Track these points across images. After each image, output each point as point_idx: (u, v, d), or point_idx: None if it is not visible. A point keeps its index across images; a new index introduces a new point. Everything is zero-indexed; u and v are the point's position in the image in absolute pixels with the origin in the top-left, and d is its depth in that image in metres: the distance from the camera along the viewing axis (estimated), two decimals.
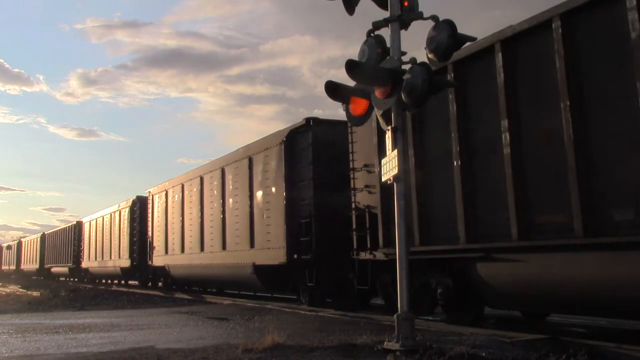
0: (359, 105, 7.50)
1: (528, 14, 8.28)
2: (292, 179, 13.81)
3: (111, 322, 11.22)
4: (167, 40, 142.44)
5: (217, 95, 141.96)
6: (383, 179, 7.22)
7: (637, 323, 9.20)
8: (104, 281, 35.88)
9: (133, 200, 27.53)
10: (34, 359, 6.94)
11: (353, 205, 11.43)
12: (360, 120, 7.78)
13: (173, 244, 21.81)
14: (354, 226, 11.35)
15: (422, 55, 6.86)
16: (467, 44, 7.20)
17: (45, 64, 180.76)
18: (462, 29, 6.66)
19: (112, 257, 29.84)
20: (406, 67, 6.84)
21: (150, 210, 24.93)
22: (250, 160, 15.90)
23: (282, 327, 7.85)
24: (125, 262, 27.41)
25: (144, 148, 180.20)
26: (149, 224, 24.90)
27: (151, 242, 24.48)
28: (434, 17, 6.82)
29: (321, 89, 7.18)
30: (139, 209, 26.71)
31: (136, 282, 29.22)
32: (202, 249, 18.99)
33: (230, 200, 17.08)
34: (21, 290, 28.35)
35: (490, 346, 6.52)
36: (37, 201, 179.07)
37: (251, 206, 15.58)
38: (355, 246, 11.31)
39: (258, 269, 15.08)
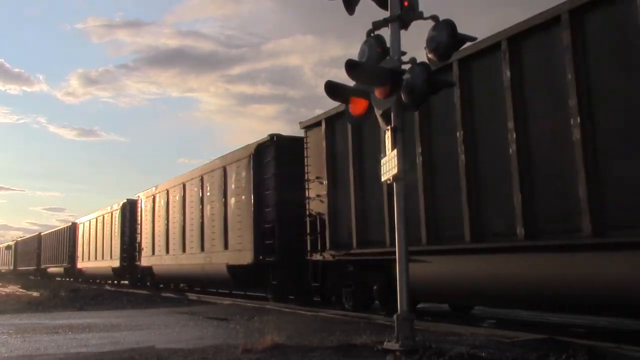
0: (358, 105, 7.50)
1: (528, 15, 8.31)
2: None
3: (111, 322, 11.22)
4: (168, 40, 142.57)
5: (218, 95, 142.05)
6: (382, 179, 7.21)
7: (637, 323, 9.20)
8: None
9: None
10: (34, 359, 6.94)
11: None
12: (360, 120, 7.78)
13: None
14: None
15: (422, 55, 6.87)
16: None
17: (46, 64, 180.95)
18: (462, 29, 6.67)
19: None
20: (406, 67, 6.84)
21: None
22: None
23: (282, 327, 7.85)
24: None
25: (145, 148, 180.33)
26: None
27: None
28: (434, 17, 6.82)
29: (322, 88, 7.17)
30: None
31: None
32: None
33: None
34: (21, 290, 28.36)
35: (489, 346, 6.52)
36: (37, 201, 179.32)
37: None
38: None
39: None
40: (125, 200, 29.12)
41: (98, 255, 32.76)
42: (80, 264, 36.48)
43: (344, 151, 12.09)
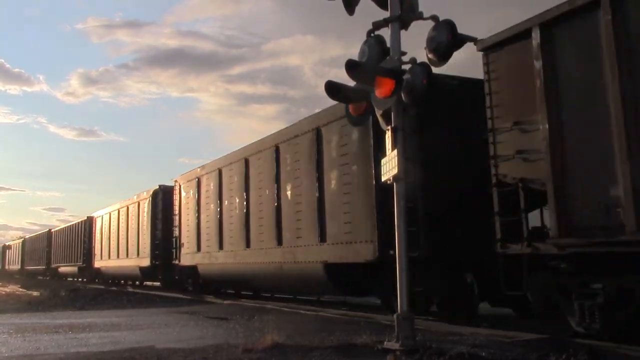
0: (358, 105, 7.52)
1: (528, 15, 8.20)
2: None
3: (111, 322, 11.22)
4: (168, 40, 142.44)
5: (218, 95, 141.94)
6: (383, 179, 7.22)
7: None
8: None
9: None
10: (34, 359, 6.94)
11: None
12: (360, 120, 7.79)
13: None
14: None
15: (422, 55, 6.87)
16: None
17: (46, 64, 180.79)
18: (462, 29, 6.67)
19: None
20: (406, 67, 6.85)
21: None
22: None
23: (282, 326, 7.85)
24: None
25: (145, 148, 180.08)
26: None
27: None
28: (434, 17, 6.83)
29: (323, 88, 7.17)
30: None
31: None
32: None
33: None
34: (21, 289, 28.36)
35: (490, 346, 6.53)
36: (37, 201, 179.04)
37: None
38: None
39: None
40: (157, 187, 24.01)
41: (121, 252, 27.67)
42: (98, 263, 31.64)
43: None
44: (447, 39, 6.63)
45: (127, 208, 27.55)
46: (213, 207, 18.04)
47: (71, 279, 41.43)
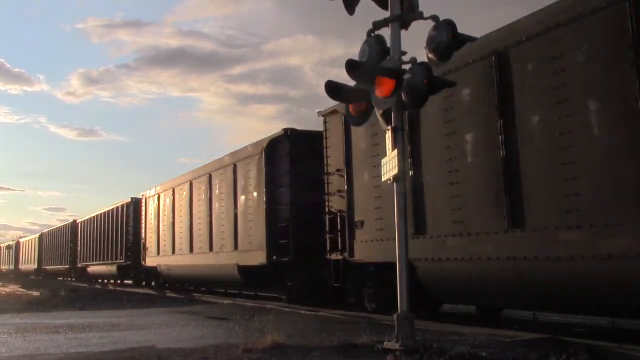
0: (359, 105, 7.51)
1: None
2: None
3: (111, 322, 11.22)
4: (169, 39, 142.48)
5: (219, 95, 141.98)
6: (383, 179, 7.22)
7: (637, 323, 9.19)
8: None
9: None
10: (34, 359, 6.94)
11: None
12: (360, 120, 7.78)
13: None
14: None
15: (423, 55, 6.86)
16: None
17: (46, 64, 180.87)
18: (462, 29, 6.66)
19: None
20: (406, 66, 6.84)
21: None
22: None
23: (282, 326, 7.85)
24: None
25: (145, 148, 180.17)
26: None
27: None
28: (434, 17, 6.82)
29: (323, 88, 7.17)
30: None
31: (130, 282, 29.83)
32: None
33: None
34: (21, 289, 28.35)
35: (490, 346, 6.53)
36: (37, 201, 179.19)
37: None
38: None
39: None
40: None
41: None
42: (152, 260, 24.72)
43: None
44: (447, 38, 6.62)
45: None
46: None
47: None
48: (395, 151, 6.85)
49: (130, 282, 29.86)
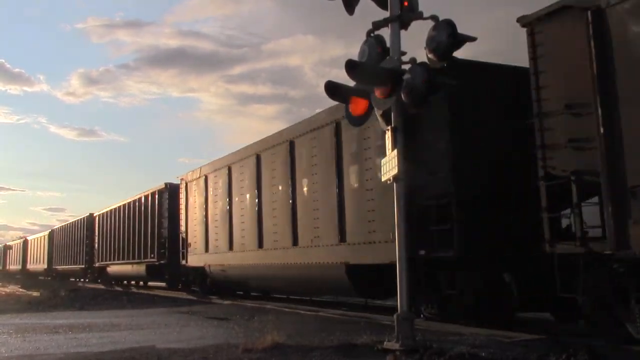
0: (358, 105, 7.51)
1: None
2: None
3: (111, 322, 11.22)
4: (169, 39, 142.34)
5: (219, 95, 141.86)
6: (383, 179, 7.22)
7: None
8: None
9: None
10: (34, 359, 6.94)
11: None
12: (360, 120, 7.78)
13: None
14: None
15: (423, 55, 6.86)
16: None
17: (46, 64, 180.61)
18: (462, 29, 6.65)
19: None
20: (406, 67, 6.85)
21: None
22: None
23: (282, 326, 7.85)
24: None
25: (145, 148, 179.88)
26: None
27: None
28: (434, 17, 6.83)
29: (323, 88, 7.18)
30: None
31: (164, 284, 25.37)
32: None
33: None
34: (21, 290, 28.34)
35: (490, 346, 6.53)
36: (37, 201, 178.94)
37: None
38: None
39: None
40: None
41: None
42: (196, 259, 19.30)
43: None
44: (447, 38, 6.63)
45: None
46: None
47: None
48: (395, 151, 6.85)
49: (163, 284, 25.38)
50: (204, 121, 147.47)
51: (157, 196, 23.65)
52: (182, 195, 20.91)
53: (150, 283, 28.22)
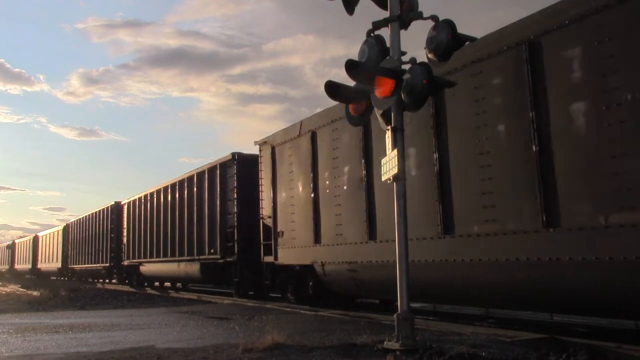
0: (358, 105, 7.52)
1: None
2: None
3: (111, 322, 11.23)
4: (169, 39, 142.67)
5: (219, 95, 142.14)
6: (383, 179, 7.22)
7: (637, 323, 9.20)
8: (161, 284, 27.69)
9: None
10: (34, 359, 6.94)
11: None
12: (360, 120, 7.79)
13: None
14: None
15: (423, 55, 6.86)
16: None
17: (47, 64, 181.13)
18: (462, 29, 6.65)
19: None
20: (406, 67, 6.85)
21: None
22: (215, 171, 18.78)
23: (282, 326, 7.86)
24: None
25: (145, 147, 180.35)
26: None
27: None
28: (433, 17, 6.84)
29: (323, 88, 7.18)
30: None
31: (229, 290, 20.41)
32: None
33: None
34: (21, 289, 28.35)
35: (490, 346, 6.53)
36: (37, 201, 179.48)
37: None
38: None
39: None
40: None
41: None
42: (295, 254, 13.76)
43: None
44: (447, 38, 6.63)
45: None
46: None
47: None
48: (395, 151, 6.85)
49: (227, 290, 20.35)
50: (204, 121, 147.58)
51: (218, 172, 18.02)
52: (265, 166, 15.23)
53: (200, 287, 23.88)
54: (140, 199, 25.95)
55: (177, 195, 21.57)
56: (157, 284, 27.63)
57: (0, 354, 7.25)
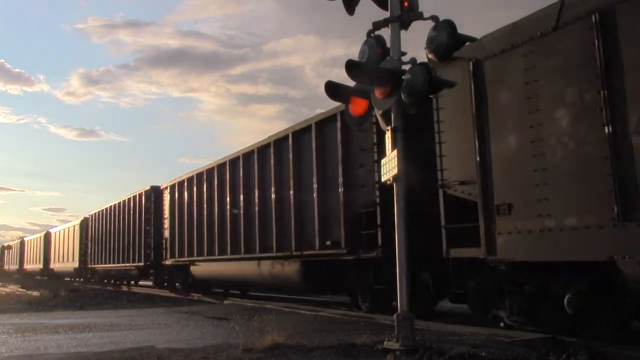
0: (358, 106, 7.51)
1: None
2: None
3: (111, 322, 11.22)
4: (169, 40, 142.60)
5: (219, 95, 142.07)
6: (383, 179, 7.23)
7: (638, 323, 9.18)
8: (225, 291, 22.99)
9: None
10: (34, 359, 6.94)
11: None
12: (360, 120, 7.78)
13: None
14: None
15: (423, 55, 6.86)
16: None
17: (47, 64, 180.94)
18: (462, 30, 6.64)
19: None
20: (406, 67, 6.85)
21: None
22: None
23: (282, 326, 7.85)
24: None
25: (145, 148, 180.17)
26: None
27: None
28: (434, 18, 6.84)
29: (323, 88, 7.19)
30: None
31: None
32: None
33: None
34: (21, 289, 28.33)
35: (490, 346, 6.53)
36: (37, 201, 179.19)
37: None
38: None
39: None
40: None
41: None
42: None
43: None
44: (447, 39, 6.64)
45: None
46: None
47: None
48: (395, 151, 6.85)
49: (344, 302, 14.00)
50: (204, 121, 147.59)
51: (338, 123, 11.67)
52: (454, 100, 8.74)
53: None
54: (190, 178, 19.84)
55: (255, 168, 15.02)
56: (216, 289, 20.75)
57: (0, 354, 7.25)
